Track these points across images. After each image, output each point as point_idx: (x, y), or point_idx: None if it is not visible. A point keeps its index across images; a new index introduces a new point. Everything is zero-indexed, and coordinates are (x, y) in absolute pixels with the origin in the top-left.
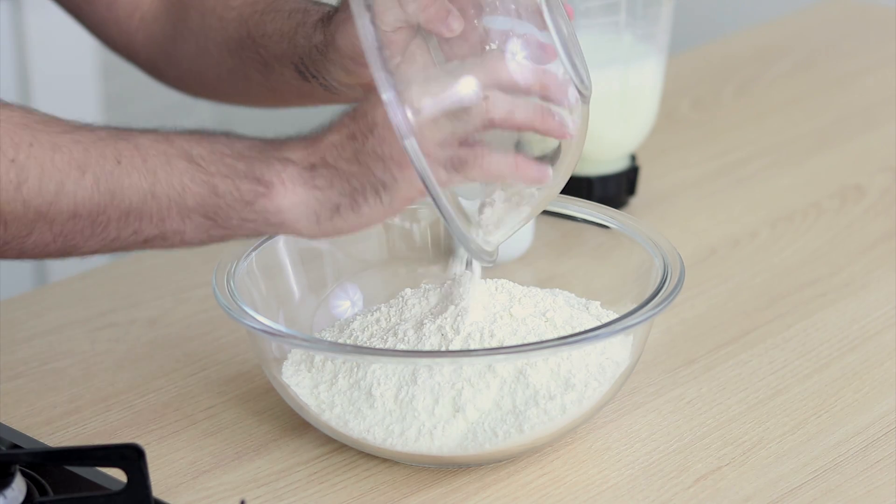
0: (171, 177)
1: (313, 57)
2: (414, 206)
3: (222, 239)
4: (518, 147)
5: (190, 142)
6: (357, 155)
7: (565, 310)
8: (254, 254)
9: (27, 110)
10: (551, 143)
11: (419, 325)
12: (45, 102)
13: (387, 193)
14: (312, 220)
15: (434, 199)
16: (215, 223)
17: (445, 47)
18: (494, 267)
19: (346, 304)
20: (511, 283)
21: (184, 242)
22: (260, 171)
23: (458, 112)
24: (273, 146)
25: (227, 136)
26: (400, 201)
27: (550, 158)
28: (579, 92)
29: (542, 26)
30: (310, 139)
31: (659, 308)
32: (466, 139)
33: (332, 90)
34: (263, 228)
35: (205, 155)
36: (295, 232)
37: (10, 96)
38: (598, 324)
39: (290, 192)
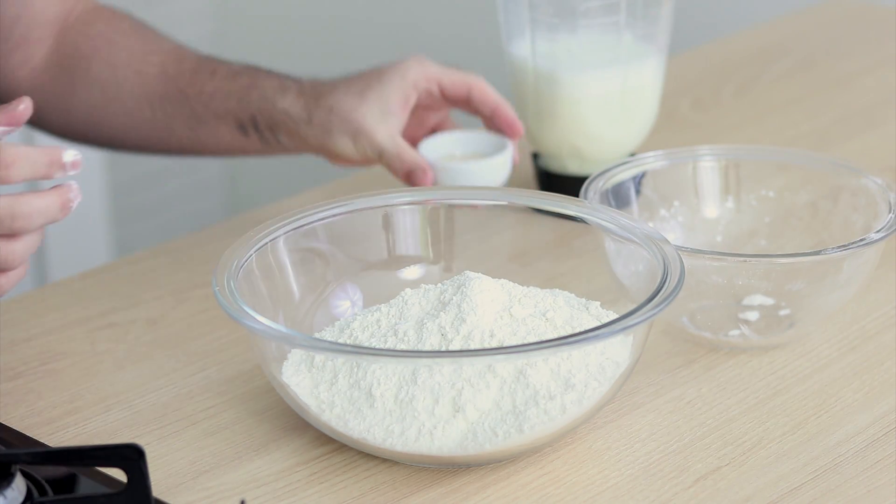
0: None
1: (276, 119)
2: (414, 206)
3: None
4: None
5: None
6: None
7: (565, 310)
8: (254, 254)
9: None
10: None
11: (419, 325)
12: None
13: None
14: None
15: None
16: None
17: None
18: (494, 266)
19: (346, 304)
20: (511, 283)
21: None
22: None
23: None
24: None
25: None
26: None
27: None
28: None
29: None
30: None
31: (659, 308)
32: None
33: (269, 145)
34: None
35: None
36: None
37: None
38: (598, 324)
39: None
